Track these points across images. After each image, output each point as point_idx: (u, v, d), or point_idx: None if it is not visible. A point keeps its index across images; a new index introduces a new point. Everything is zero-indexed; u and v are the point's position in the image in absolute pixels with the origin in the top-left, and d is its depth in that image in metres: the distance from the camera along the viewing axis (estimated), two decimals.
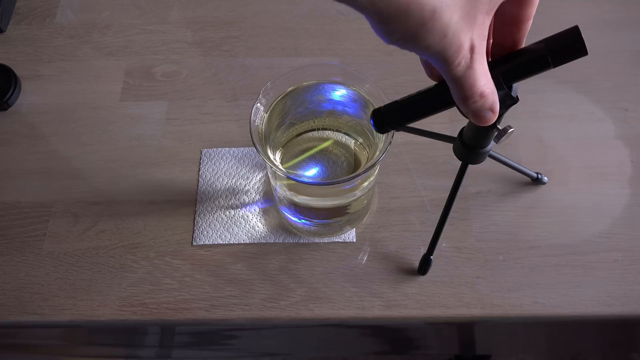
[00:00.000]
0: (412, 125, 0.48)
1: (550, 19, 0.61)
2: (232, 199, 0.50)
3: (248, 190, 0.50)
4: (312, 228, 0.47)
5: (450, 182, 0.50)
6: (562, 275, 0.46)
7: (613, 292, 0.45)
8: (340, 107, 0.45)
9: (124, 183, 0.51)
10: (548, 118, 0.54)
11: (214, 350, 0.67)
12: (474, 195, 0.50)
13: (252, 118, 0.40)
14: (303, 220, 0.47)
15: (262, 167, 0.51)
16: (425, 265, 0.46)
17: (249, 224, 0.49)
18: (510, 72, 0.34)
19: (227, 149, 0.52)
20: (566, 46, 0.31)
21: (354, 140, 0.46)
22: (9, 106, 0.55)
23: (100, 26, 0.61)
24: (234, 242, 0.48)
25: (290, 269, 0.47)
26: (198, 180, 0.51)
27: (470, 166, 0.43)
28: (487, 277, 0.46)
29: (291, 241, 0.48)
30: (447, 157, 0.52)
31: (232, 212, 0.49)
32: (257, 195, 0.50)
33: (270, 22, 0.61)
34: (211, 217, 0.49)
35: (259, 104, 0.41)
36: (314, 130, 0.46)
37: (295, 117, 0.45)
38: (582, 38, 0.31)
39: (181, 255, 0.48)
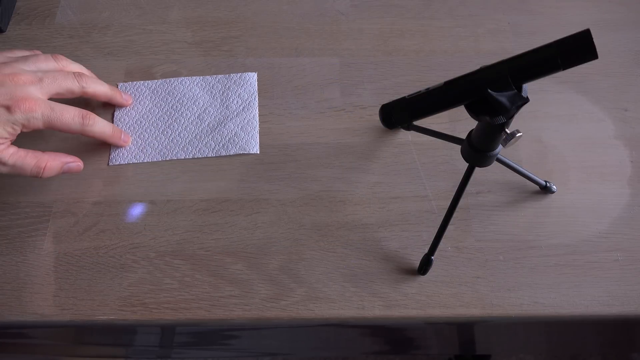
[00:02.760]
0: (419, 124, 0.49)
1: (550, 19, 0.61)
2: (146, 124, 0.54)
3: (162, 117, 0.54)
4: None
5: (450, 182, 0.51)
6: (562, 275, 0.46)
7: (613, 292, 0.45)
8: None
9: (124, 183, 0.51)
10: (548, 118, 0.54)
11: (214, 350, 0.67)
12: (474, 195, 0.50)
13: None
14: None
15: (173, 95, 0.55)
16: (426, 265, 0.46)
17: (161, 143, 0.53)
18: (519, 72, 0.34)
19: (142, 82, 0.57)
20: (576, 49, 0.31)
21: None
22: None
23: (100, 26, 0.61)
24: (147, 160, 0.52)
25: (290, 269, 0.47)
26: (114, 110, 0.55)
27: None
28: (487, 277, 0.46)
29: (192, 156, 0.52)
30: (446, 157, 0.52)
31: (145, 135, 0.53)
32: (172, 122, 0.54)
33: (270, 22, 0.61)
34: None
35: None
36: None
37: None
38: (592, 41, 0.31)
39: (181, 255, 0.48)
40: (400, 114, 0.47)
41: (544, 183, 0.49)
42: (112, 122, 0.54)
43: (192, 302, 0.46)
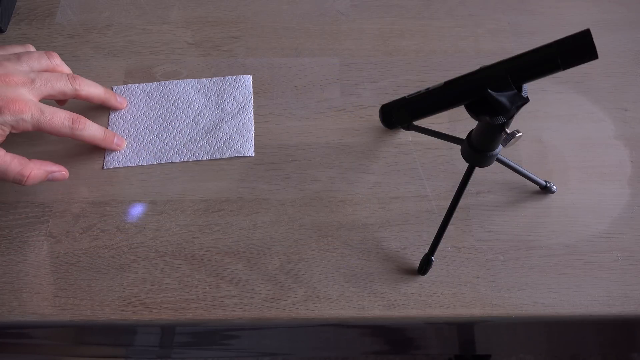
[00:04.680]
0: (419, 124, 0.49)
1: (550, 19, 0.61)
2: (140, 127, 0.54)
3: (157, 119, 0.54)
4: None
5: (450, 182, 0.51)
6: (562, 275, 0.46)
7: (613, 292, 0.45)
8: None
9: (124, 183, 0.51)
10: (548, 118, 0.54)
11: (214, 350, 0.67)
12: (474, 195, 0.50)
13: None
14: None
15: (168, 98, 0.55)
16: (426, 265, 0.46)
17: (156, 147, 0.53)
18: (519, 72, 0.34)
19: (137, 84, 0.57)
20: (576, 49, 0.31)
21: None
22: None
23: (100, 26, 0.61)
24: (142, 164, 0.52)
25: (290, 269, 0.47)
26: (109, 113, 0.55)
27: None
28: (487, 277, 0.46)
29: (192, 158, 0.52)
30: (446, 157, 0.52)
31: (140, 138, 0.53)
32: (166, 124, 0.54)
33: (270, 22, 0.61)
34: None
35: None
36: None
37: None
38: (592, 41, 0.31)
39: (181, 255, 0.48)
40: (400, 114, 0.47)
41: (544, 183, 0.49)
42: (107, 125, 0.54)
43: (192, 302, 0.46)
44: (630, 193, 0.50)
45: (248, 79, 0.56)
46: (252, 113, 0.54)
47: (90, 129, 0.48)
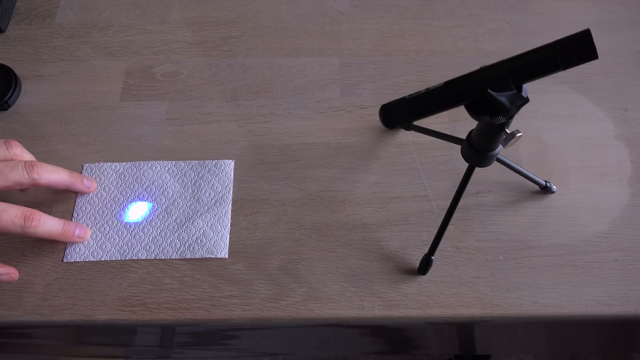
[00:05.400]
0: (419, 124, 0.49)
1: (550, 19, 0.61)
2: (108, 214, 0.49)
3: (127, 206, 0.50)
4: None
5: (450, 182, 0.51)
6: (562, 275, 0.46)
7: (613, 292, 0.45)
8: None
9: None
10: (548, 118, 0.54)
11: (214, 350, 0.67)
12: (474, 195, 0.50)
13: None
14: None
15: (141, 182, 0.51)
16: (426, 265, 0.46)
17: (122, 240, 0.48)
18: (519, 72, 0.34)
19: (109, 163, 0.52)
20: (576, 49, 0.31)
21: None
22: (9, 106, 0.55)
23: (100, 26, 0.61)
24: (105, 259, 0.47)
25: (290, 269, 0.47)
26: (76, 196, 0.50)
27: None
28: (487, 277, 0.46)
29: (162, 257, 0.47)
30: (446, 157, 0.52)
31: (107, 228, 0.49)
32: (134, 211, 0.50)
33: (270, 22, 0.61)
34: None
35: None
36: None
37: None
38: (592, 41, 0.31)
39: None
40: (400, 114, 0.47)
41: (544, 183, 0.49)
42: (73, 210, 0.50)
43: (192, 302, 0.46)
44: (630, 193, 0.50)
45: (229, 165, 0.51)
46: (230, 206, 0.49)
47: (46, 225, 0.44)
